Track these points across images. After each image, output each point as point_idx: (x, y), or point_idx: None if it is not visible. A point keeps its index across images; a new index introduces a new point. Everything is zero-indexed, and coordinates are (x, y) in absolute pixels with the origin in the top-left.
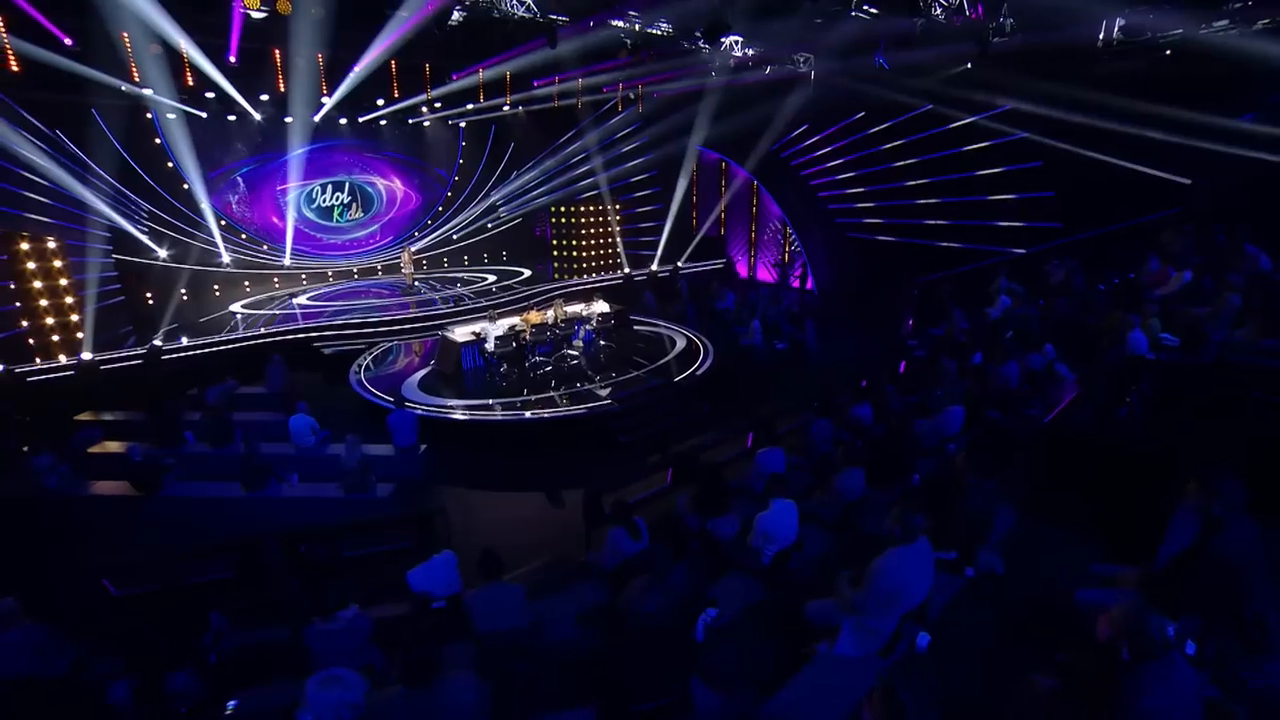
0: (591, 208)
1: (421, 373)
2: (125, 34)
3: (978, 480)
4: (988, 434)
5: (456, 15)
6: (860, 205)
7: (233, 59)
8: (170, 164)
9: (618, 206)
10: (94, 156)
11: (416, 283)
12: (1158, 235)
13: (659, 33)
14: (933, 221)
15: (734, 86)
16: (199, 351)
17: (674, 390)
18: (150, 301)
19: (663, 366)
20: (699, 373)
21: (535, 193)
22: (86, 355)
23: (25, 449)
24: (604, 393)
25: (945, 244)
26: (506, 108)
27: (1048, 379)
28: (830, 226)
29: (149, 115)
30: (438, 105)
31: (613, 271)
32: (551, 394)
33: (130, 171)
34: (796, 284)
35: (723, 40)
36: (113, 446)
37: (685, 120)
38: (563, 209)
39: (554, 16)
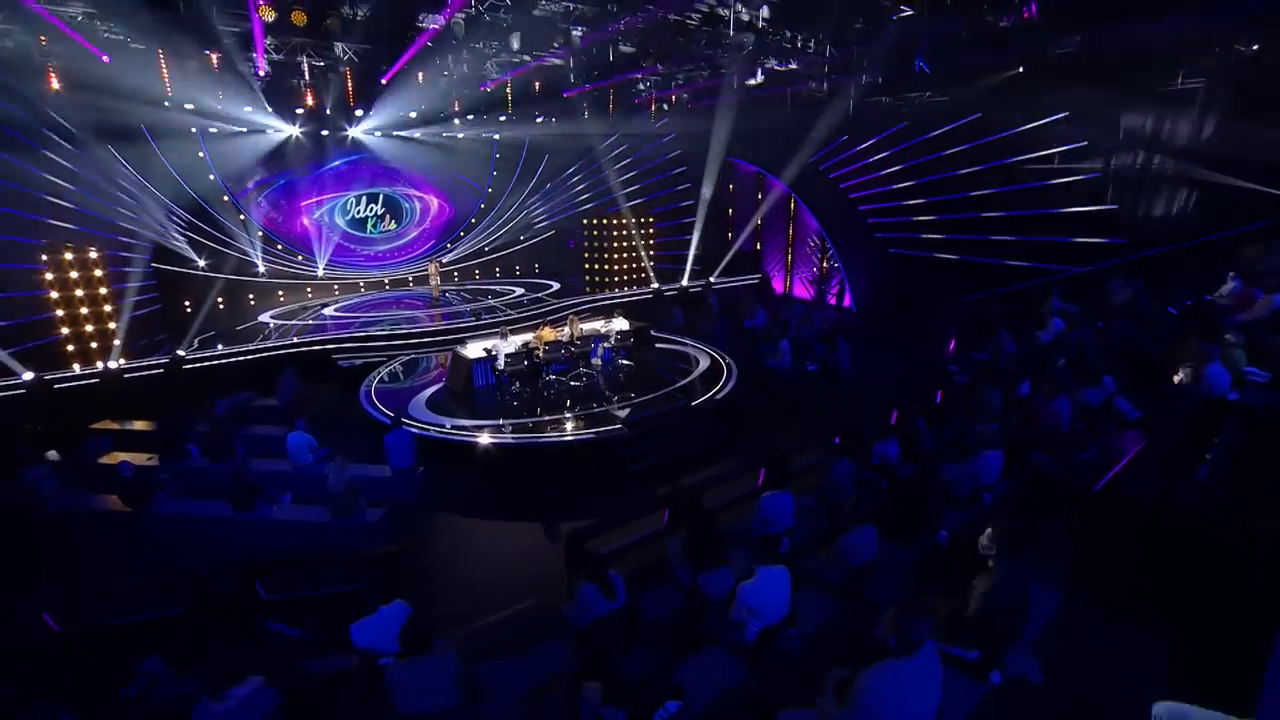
0: (623, 221)
1: (432, 389)
2: (161, 50)
3: (1009, 559)
4: (1031, 484)
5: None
6: (902, 219)
7: (261, 73)
8: (212, 176)
9: (648, 220)
10: (141, 170)
11: (445, 294)
12: (1240, 252)
13: (688, 40)
14: (980, 237)
15: (770, 95)
16: (221, 361)
17: (690, 415)
18: (188, 309)
19: (681, 389)
20: (719, 396)
21: (567, 205)
22: (113, 364)
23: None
24: (616, 414)
25: (994, 260)
26: (540, 119)
27: (1106, 417)
28: (870, 241)
29: (193, 130)
30: (469, 117)
31: (643, 286)
32: (558, 416)
33: (173, 183)
34: (834, 301)
35: (759, 50)
36: (123, 457)
37: (718, 131)
38: (595, 221)
39: (573, 29)
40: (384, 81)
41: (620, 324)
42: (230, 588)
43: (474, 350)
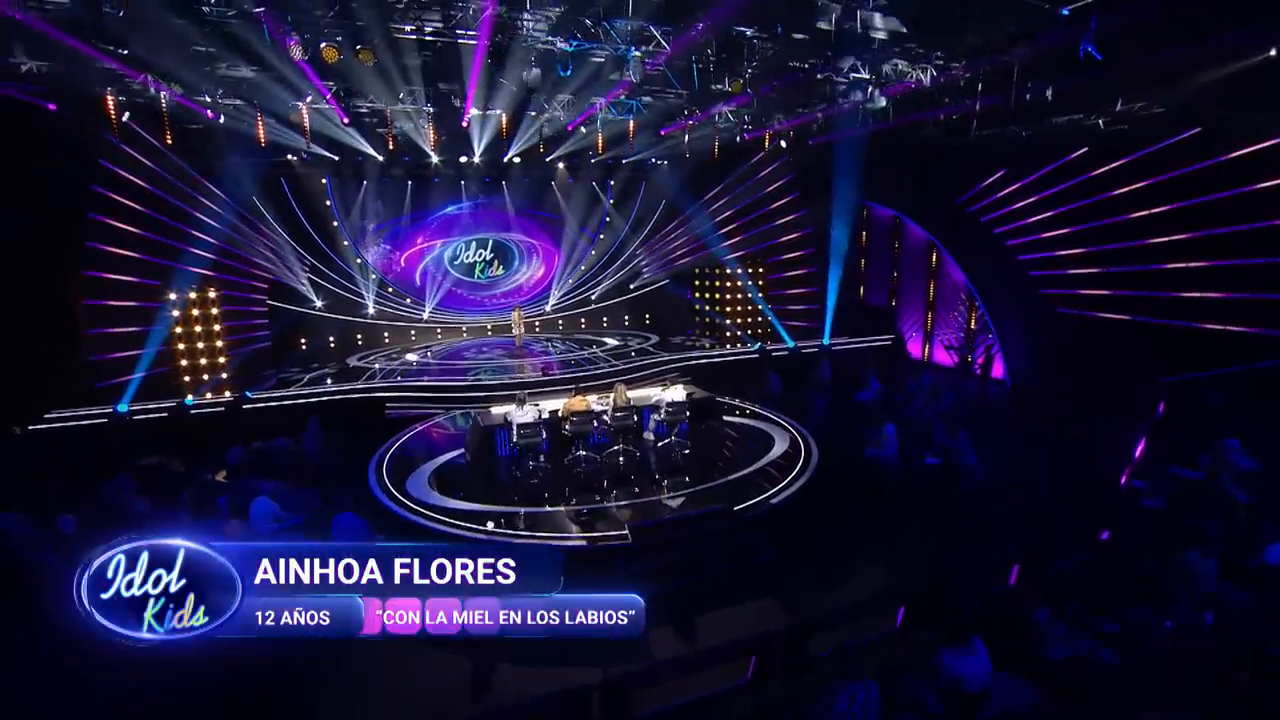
0: (735, 271)
1: (450, 456)
2: (256, 103)
3: None
4: None
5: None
6: (1078, 272)
7: (345, 120)
8: (335, 223)
9: (761, 270)
10: (275, 215)
11: (551, 346)
12: None
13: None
14: (1196, 295)
15: (905, 125)
16: (281, 404)
17: (728, 523)
18: (303, 346)
19: (729, 484)
20: (775, 501)
21: (682, 252)
22: (192, 399)
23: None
24: (625, 513)
25: (1215, 326)
26: (654, 160)
27: None
28: (1032, 298)
29: (323, 181)
30: (574, 161)
31: (750, 345)
32: (556, 508)
33: (299, 227)
34: (979, 370)
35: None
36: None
37: (844, 170)
38: (707, 271)
39: (633, 51)
40: (464, 124)
41: (676, 393)
42: None
43: (498, 415)
